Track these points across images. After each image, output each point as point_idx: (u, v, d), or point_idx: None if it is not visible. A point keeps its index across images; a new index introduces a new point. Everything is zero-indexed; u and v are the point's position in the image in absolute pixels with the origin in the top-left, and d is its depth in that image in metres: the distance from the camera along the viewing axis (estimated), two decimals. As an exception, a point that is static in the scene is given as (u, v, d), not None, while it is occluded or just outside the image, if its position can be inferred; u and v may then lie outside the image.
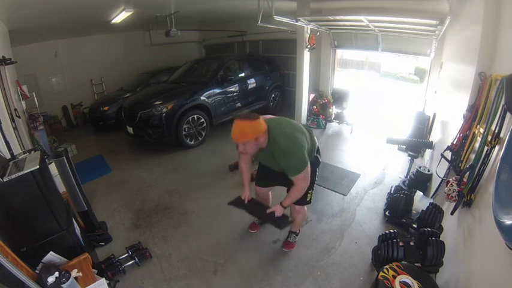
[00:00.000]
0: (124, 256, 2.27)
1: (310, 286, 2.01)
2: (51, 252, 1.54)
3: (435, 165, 2.55)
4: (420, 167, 3.00)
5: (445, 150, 2.23)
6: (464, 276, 1.57)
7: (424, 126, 3.56)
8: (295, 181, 1.76)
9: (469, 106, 2.02)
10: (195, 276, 2.14)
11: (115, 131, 5.57)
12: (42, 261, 1.50)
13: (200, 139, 4.63)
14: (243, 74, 5.43)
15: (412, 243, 1.90)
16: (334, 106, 5.28)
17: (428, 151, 3.44)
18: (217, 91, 4.80)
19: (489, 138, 1.50)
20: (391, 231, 2.04)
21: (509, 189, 1.08)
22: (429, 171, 2.96)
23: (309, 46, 4.81)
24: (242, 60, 5.61)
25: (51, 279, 1.32)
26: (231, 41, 7.57)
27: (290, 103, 6.10)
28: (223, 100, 4.92)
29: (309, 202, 2.07)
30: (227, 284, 2.08)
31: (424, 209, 2.24)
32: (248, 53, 6.91)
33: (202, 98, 4.56)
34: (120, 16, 4.41)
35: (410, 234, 2.35)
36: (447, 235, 2.02)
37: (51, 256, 1.54)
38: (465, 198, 1.63)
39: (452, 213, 1.78)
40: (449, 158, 2.17)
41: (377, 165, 3.75)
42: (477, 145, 1.70)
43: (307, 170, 1.72)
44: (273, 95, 6.07)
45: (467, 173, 1.72)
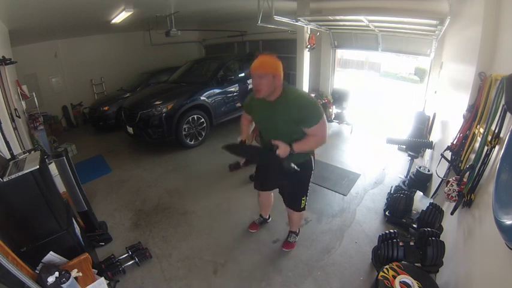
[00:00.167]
0: (124, 256, 2.27)
1: (310, 286, 2.01)
2: (51, 252, 1.54)
3: (435, 165, 2.55)
4: (420, 167, 3.00)
5: (445, 150, 2.23)
6: (464, 276, 1.57)
7: (424, 126, 3.55)
8: (311, 133, 1.61)
9: (469, 106, 2.02)
10: (195, 276, 2.14)
11: (115, 131, 5.57)
12: (42, 261, 1.50)
13: (200, 139, 4.62)
14: (243, 74, 5.42)
15: (412, 243, 1.90)
16: (334, 106, 5.27)
17: (428, 151, 3.44)
18: (217, 91, 4.79)
19: (489, 138, 1.50)
20: (391, 231, 2.04)
21: (509, 189, 1.08)
22: (429, 171, 2.95)
23: (309, 46, 4.81)
24: (242, 60, 5.60)
25: (51, 279, 1.32)
26: (231, 41, 7.57)
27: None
28: (223, 100, 4.91)
29: (303, 209, 2.09)
30: (227, 284, 2.08)
31: (424, 209, 2.24)
32: (248, 53, 6.91)
33: (202, 98, 4.56)
34: (120, 16, 4.41)
35: (410, 234, 2.35)
36: (447, 235, 2.02)
37: (51, 256, 1.54)
38: (465, 198, 1.63)
39: (452, 213, 1.78)
40: (449, 158, 2.17)
41: (377, 165, 3.75)
42: (477, 145, 1.70)
43: (324, 121, 1.59)
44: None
45: (467, 173, 1.72)
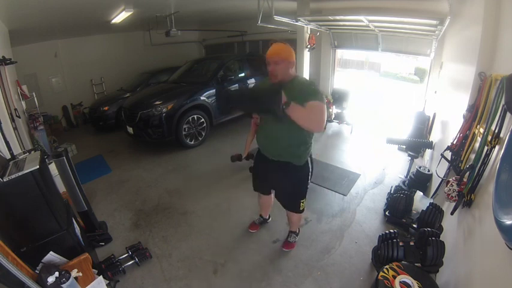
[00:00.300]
0: (124, 256, 2.27)
1: (310, 286, 2.01)
2: (51, 252, 1.53)
3: (435, 165, 2.55)
4: (420, 167, 3.00)
5: (445, 150, 2.23)
6: (464, 276, 1.57)
7: (424, 126, 3.55)
8: (308, 106, 1.53)
9: (469, 106, 2.02)
10: (195, 276, 2.14)
11: (115, 131, 5.57)
12: (42, 261, 1.50)
13: (200, 139, 4.62)
14: (243, 74, 5.42)
15: (412, 243, 1.90)
16: (334, 106, 5.27)
17: (428, 151, 3.44)
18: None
19: (489, 138, 1.50)
20: (391, 231, 2.04)
21: (509, 189, 1.08)
22: (429, 171, 2.95)
23: (309, 46, 4.81)
24: (242, 60, 5.61)
25: (51, 279, 1.32)
26: (231, 41, 7.58)
27: (290, 103, 6.09)
28: (223, 100, 4.91)
29: (302, 211, 2.10)
30: (227, 284, 2.08)
31: (424, 209, 2.24)
32: (248, 53, 6.91)
33: (202, 98, 4.56)
34: (120, 16, 4.42)
35: (410, 234, 2.35)
36: (447, 235, 2.02)
37: (51, 256, 1.54)
38: (465, 198, 1.63)
39: (452, 213, 1.78)
40: (449, 158, 2.17)
41: (377, 165, 3.75)
42: (477, 145, 1.70)
43: (324, 106, 1.59)
44: (273, 95, 6.07)
45: (467, 173, 1.72)
